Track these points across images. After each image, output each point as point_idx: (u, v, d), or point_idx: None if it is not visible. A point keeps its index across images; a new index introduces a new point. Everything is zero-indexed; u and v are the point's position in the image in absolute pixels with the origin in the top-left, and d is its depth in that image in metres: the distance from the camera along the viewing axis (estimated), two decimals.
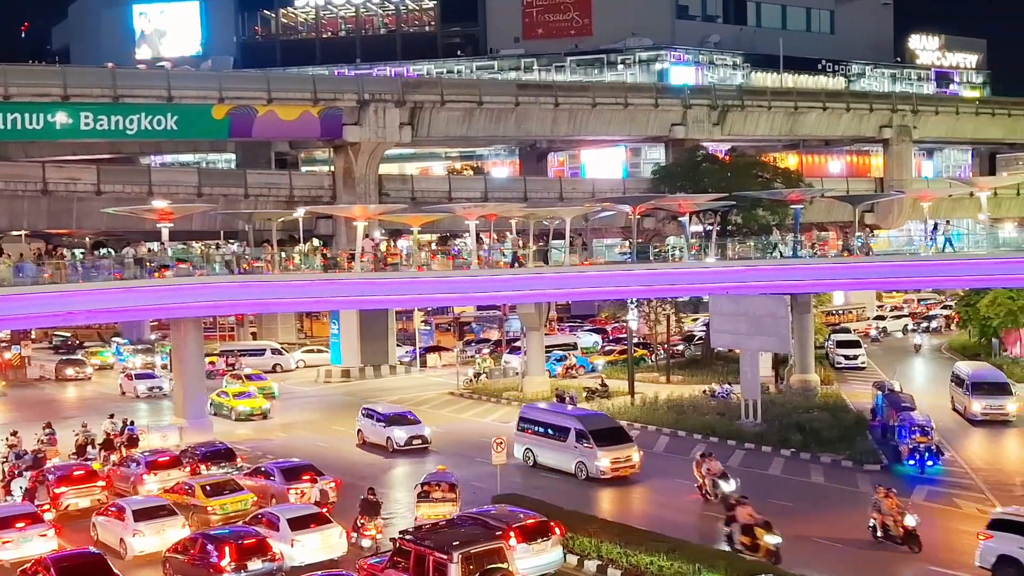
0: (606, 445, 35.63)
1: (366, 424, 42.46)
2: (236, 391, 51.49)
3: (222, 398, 50.64)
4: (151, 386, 56.64)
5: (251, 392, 51.25)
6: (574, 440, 36.15)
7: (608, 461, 35.21)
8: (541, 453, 37.50)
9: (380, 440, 41.36)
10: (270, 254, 46.76)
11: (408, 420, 41.79)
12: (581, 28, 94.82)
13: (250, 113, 58.97)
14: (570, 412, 39.09)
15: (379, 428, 41.55)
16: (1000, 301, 55.72)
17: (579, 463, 35.88)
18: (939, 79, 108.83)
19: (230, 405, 49.80)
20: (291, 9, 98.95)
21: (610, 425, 37.46)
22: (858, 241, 52.74)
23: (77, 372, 64.26)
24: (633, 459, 35.66)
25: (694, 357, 62.36)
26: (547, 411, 39.17)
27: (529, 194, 67.04)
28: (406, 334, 69.79)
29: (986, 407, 42.70)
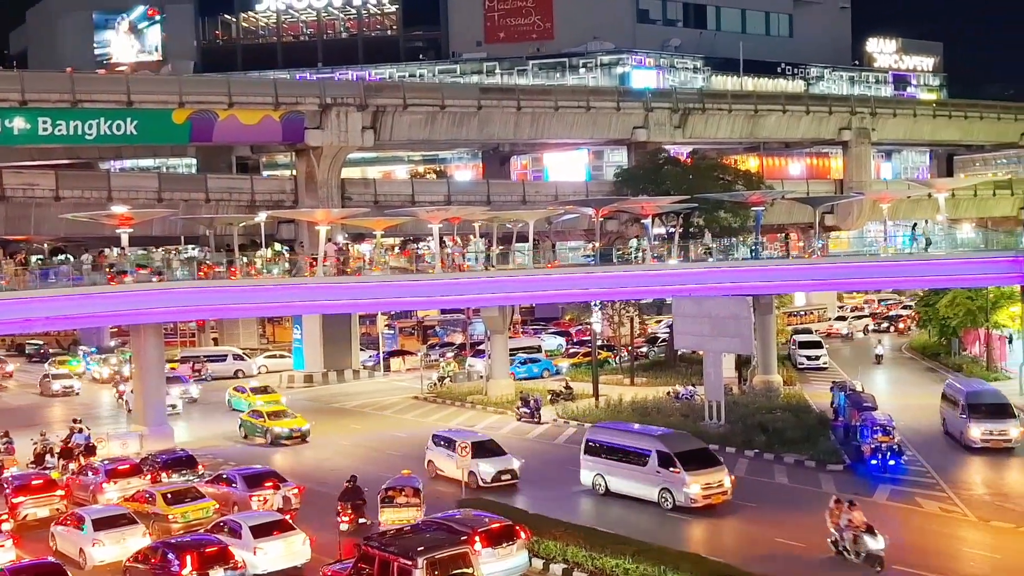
0: (695, 469, 31.70)
1: (439, 454, 36.46)
2: (270, 409, 45.65)
3: (254, 418, 44.82)
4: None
5: (289, 412, 45.58)
6: (656, 464, 32.09)
7: (699, 487, 31.26)
8: (614, 480, 33.48)
9: (459, 474, 34.15)
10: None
11: (494, 450, 36.06)
12: (543, 32, 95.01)
13: (211, 117, 58.49)
14: (649, 432, 34.58)
15: (458, 460, 34.66)
16: (959, 301, 56.35)
17: (663, 491, 31.86)
18: (897, 82, 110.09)
19: (265, 426, 44.05)
20: (252, 13, 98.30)
21: (697, 446, 33.45)
22: (818, 242, 53.27)
23: (66, 388, 59.48)
24: (724, 484, 31.80)
25: (658, 359, 62.59)
26: (621, 432, 35.06)
27: (492, 197, 67.02)
28: (369, 338, 69.49)
29: (987, 432, 37.81)
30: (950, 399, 40.82)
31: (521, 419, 46.78)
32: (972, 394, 39.51)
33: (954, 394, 40.63)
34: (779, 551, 27.37)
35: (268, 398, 49.82)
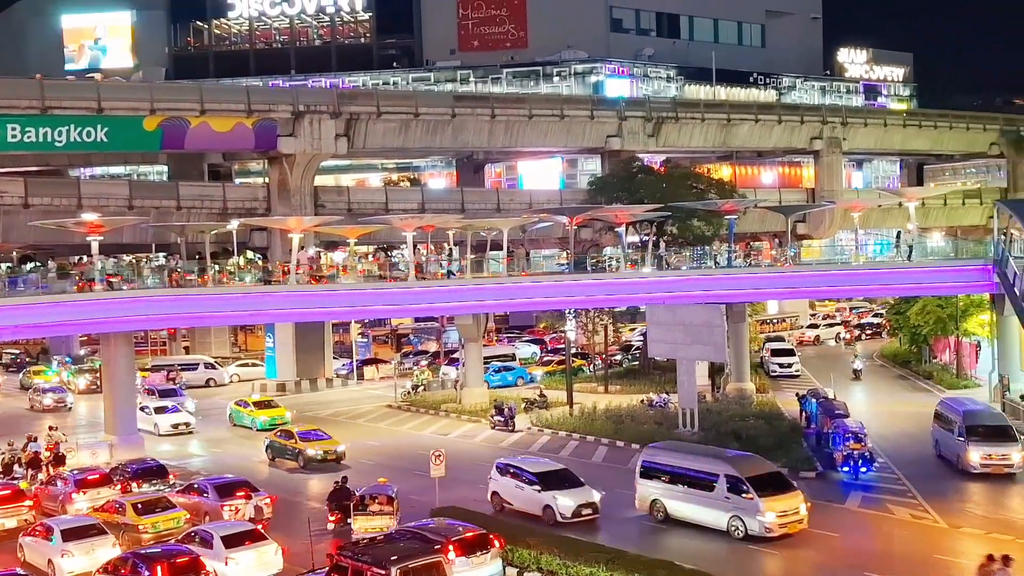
0: (769, 495, 29.10)
1: (507, 485, 32.85)
2: (300, 429, 42.16)
3: (283, 439, 41.47)
4: None
5: (319, 431, 41.92)
6: (725, 490, 29.49)
7: (774, 515, 28.62)
8: (675, 505, 30.88)
9: (532, 508, 31.45)
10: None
11: (570, 480, 32.37)
12: (516, 40, 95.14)
13: (182, 125, 58.15)
14: (717, 455, 31.97)
15: (531, 492, 31.75)
16: (929, 309, 56.75)
17: (734, 518, 29.22)
18: (867, 92, 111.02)
19: (296, 447, 40.62)
20: (224, 20, 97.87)
21: (770, 469, 30.90)
22: (791, 251, 53.60)
23: (57, 402, 56.00)
24: (801, 511, 29.24)
25: (632, 367, 62.67)
26: (683, 454, 32.28)
27: (466, 205, 66.96)
28: (343, 347, 69.21)
29: (987, 457, 35.22)
30: (944, 419, 38.18)
31: (495, 427, 46.71)
32: (970, 414, 36.82)
33: (949, 414, 37.95)
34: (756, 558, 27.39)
35: (273, 412, 48.63)
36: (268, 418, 48.03)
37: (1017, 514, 31.58)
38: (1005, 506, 32.42)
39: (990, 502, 32.75)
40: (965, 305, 54.63)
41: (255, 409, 49.34)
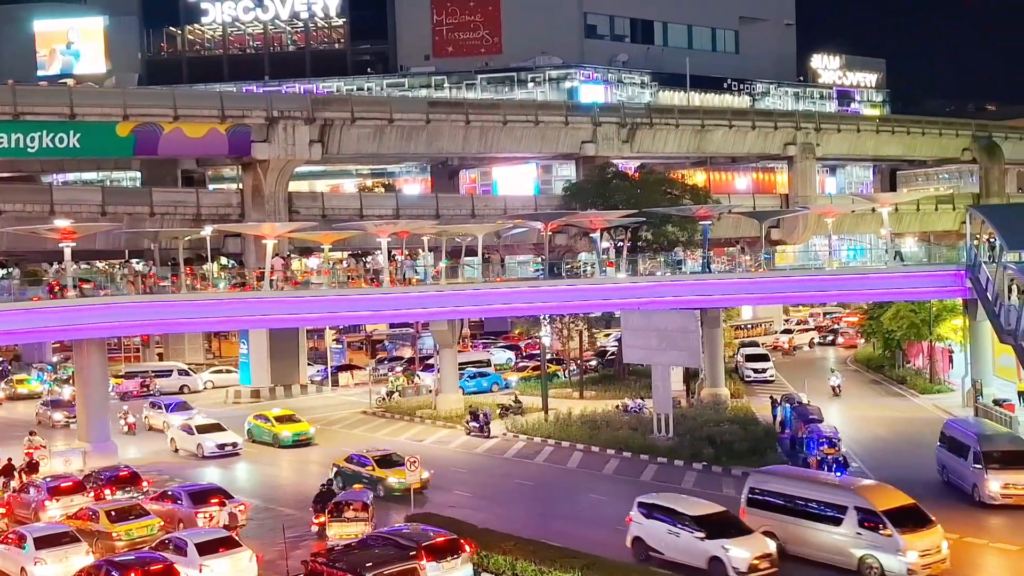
0: (909, 530, 26.16)
1: (655, 530, 27.95)
2: (377, 454, 37.23)
3: (357, 465, 36.70)
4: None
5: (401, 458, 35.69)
6: (856, 524, 26.48)
7: (916, 555, 25.74)
8: (793, 538, 27.56)
9: (693, 559, 26.89)
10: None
11: (737, 527, 27.42)
12: (491, 46, 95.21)
13: (156, 130, 57.83)
14: (845, 483, 29.01)
15: (691, 540, 26.86)
16: (903, 314, 57.19)
17: (868, 557, 26.16)
18: (841, 98, 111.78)
19: (374, 475, 36.08)
20: (198, 26, 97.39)
21: (906, 501, 27.50)
22: (765, 256, 53.88)
23: (68, 417, 51.11)
24: (943, 550, 26.39)
25: (607, 372, 62.79)
26: (800, 481, 29.24)
27: (441, 211, 66.92)
28: (317, 353, 68.97)
29: (1009, 486, 31.94)
30: (954, 444, 34.94)
31: (470, 433, 46.67)
32: (986, 439, 33.75)
33: (959, 438, 34.71)
34: None
35: (297, 427, 46.21)
36: (292, 433, 45.64)
37: None
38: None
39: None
40: (938, 310, 55.09)
41: (277, 424, 46.36)
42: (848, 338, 78.58)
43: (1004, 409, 43.93)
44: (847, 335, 79.40)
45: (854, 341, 76.32)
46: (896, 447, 42.08)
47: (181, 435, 45.18)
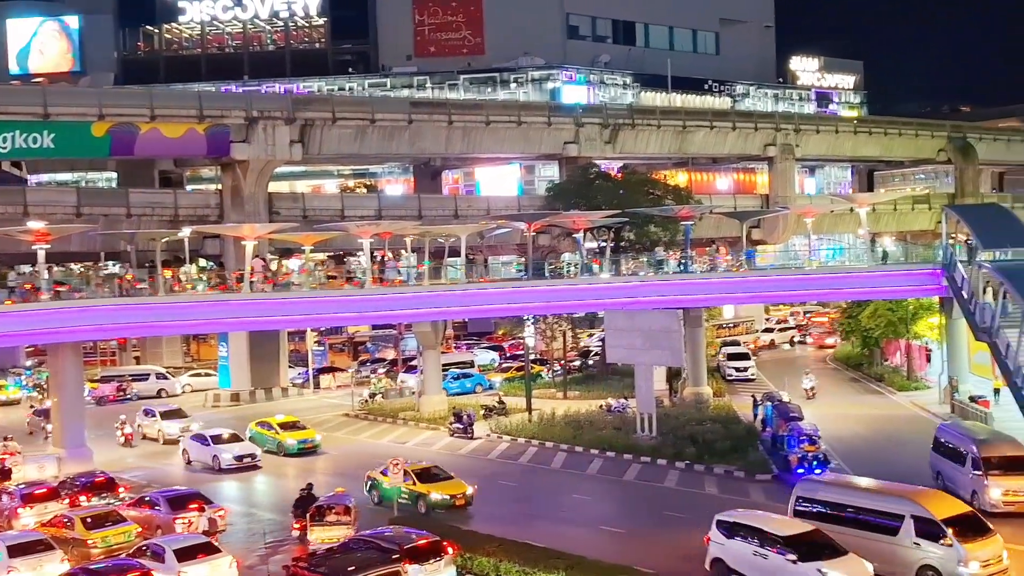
0: (970, 539, 25.03)
1: (739, 551, 25.86)
2: (417, 467, 34.51)
3: (398, 480, 32.68)
4: None
5: (442, 471, 34.75)
6: (913, 533, 25.35)
7: (978, 565, 24.62)
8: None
9: None
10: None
11: (831, 548, 24.87)
12: (473, 47, 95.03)
13: (132, 130, 57.27)
14: (899, 491, 27.51)
15: (781, 563, 24.55)
16: (880, 313, 57.37)
17: (926, 568, 24.95)
18: (819, 99, 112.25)
19: (415, 491, 33.47)
20: (175, 25, 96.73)
21: (964, 509, 26.64)
22: (746, 255, 53.90)
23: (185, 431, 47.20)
24: (1003, 560, 25.27)
25: (590, 372, 62.67)
26: (852, 489, 27.73)
27: (424, 212, 66.61)
28: (298, 355, 68.53)
29: (1010, 493, 30.68)
30: (949, 449, 33.43)
31: (454, 435, 46.46)
32: (985, 444, 32.31)
33: (955, 443, 33.20)
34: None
35: (302, 434, 44.37)
36: (297, 441, 43.95)
37: None
38: None
39: None
40: (915, 308, 55.32)
41: (281, 431, 44.50)
42: (817, 337, 78.32)
43: (980, 405, 44.24)
44: (816, 335, 79.30)
45: (822, 341, 76.30)
46: (876, 444, 42.14)
47: (195, 446, 42.65)
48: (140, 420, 49.67)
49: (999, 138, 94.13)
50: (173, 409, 50.19)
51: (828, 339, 76.17)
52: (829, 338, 76.12)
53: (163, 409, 49.86)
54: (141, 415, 49.94)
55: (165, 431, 47.67)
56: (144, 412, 50.11)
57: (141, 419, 49.60)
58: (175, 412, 49.50)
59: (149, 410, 50.03)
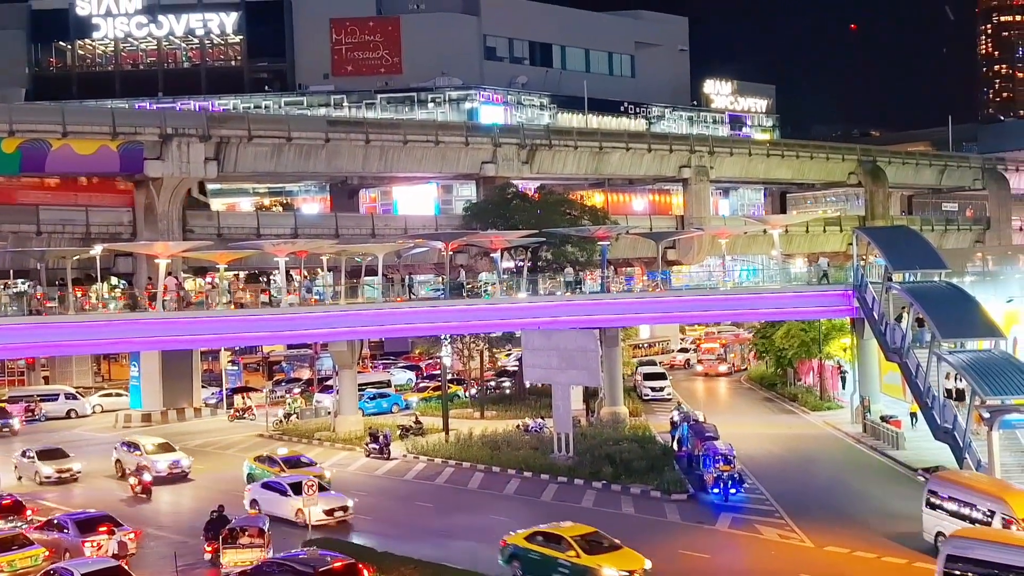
0: None
1: None
2: (574, 532, 27.93)
3: (555, 549, 27.17)
4: None
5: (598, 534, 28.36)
6: None
7: None
8: None
9: None
10: None
11: None
12: (391, 66, 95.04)
13: (43, 147, 56.15)
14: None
15: None
16: (794, 333, 58.56)
17: None
18: (733, 122, 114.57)
19: (578, 564, 26.66)
20: (88, 41, 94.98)
21: None
22: (662, 276, 54.64)
23: (62, 473, 43.06)
24: None
25: (507, 392, 62.81)
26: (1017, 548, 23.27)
27: (341, 231, 66.28)
28: (212, 374, 67.46)
29: None
30: (959, 510, 28.38)
31: (370, 455, 46.16)
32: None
33: (970, 502, 28.16)
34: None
35: (310, 474, 37.80)
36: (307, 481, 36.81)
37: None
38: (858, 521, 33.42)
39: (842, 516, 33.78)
40: (827, 329, 56.56)
41: (286, 468, 39.30)
42: (709, 365, 73.35)
43: (891, 425, 45.28)
44: (707, 362, 73.99)
45: (714, 369, 72.71)
46: (790, 463, 42.98)
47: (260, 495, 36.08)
48: (16, 460, 44.59)
49: (908, 162, 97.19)
50: (51, 449, 44.87)
51: (721, 367, 73.25)
52: (722, 365, 73.48)
53: (40, 449, 44.62)
54: (19, 456, 44.70)
55: (42, 473, 42.70)
56: (22, 453, 44.73)
57: (18, 460, 44.40)
58: (53, 452, 44.30)
59: (27, 451, 44.69)
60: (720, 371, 72.98)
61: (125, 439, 45.58)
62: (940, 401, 39.46)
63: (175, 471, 42.63)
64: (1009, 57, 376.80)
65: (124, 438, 46.16)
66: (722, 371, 72.80)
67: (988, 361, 37.90)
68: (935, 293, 43.57)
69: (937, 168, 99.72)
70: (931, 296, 42.89)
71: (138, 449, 43.32)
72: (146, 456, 42.53)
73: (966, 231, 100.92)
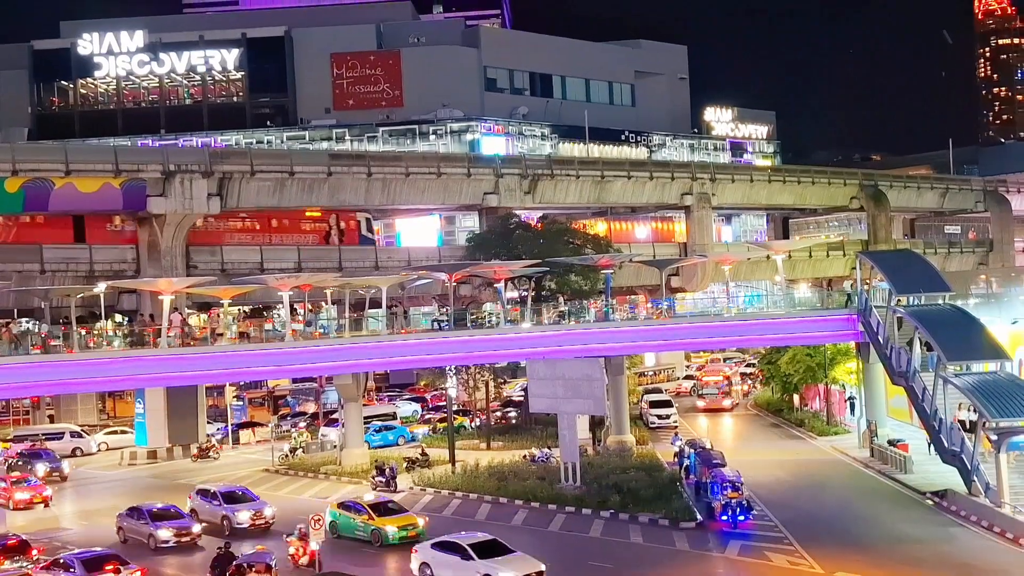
0: None
1: None
2: None
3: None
4: None
5: None
6: None
7: None
8: None
9: None
10: None
11: None
12: (392, 99, 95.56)
13: (46, 186, 56.36)
14: None
15: None
16: (799, 358, 58.41)
17: None
18: (734, 149, 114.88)
19: None
20: (90, 80, 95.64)
21: None
22: (665, 303, 54.59)
23: (255, 520, 38.86)
24: None
25: (513, 422, 62.61)
26: None
27: (344, 264, 66.38)
28: (217, 410, 67.32)
29: None
30: None
31: (376, 488, 45.88)
32: None
33: None
34: None
35: (402, 520, 36.39)
36: (397, 528, 36.10)
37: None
38: (868, 547, 33.20)
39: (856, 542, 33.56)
40: (832, 354, 56.41)
41: (375, 516, 36.68)
42: (711, 400, 67.65)
43: (899, 449, 45.03)
44: (709, 397, 67.91)
45: (718, 403, 67.37)
46: (798, 489, 42.76)
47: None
48: (194, 504, 40.70)
49: (909, 185, 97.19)
50: (233, 490, 40.93)
51: (725, 401, 68.24)
52: (726, 400, 68.40)
53: (225, 490, 40.71)
54: (196, 496, 41.05)
55: (236, 520, 38.67)
56: (201, 493, 41.04)
57: (196, 502, 40.69)
58: (235, 495, 40.18)
59: (210, 492, 40.72)
60: (723, 405, 67.73)
61: (199, 487, 41.86)
62: (947, 424, 39.31)
63: (257, 522, 38.70)
64: (1008, 80, 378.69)
65: (198, 486, 42.10)
66: (725, 406, 67.73)
67: (994, 383, 37.84)
68: (940, 316, 43.53)
69: (939, 191, 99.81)
70: (936, 319, 42.84)
71: (216, 500, 39.57)
72: (224, 506, 39.03)
73: (969, 253, 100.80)
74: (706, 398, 68.83)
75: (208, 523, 38.82)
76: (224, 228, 65.65)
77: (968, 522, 35.46)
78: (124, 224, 61.92)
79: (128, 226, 62.03)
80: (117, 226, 62.11)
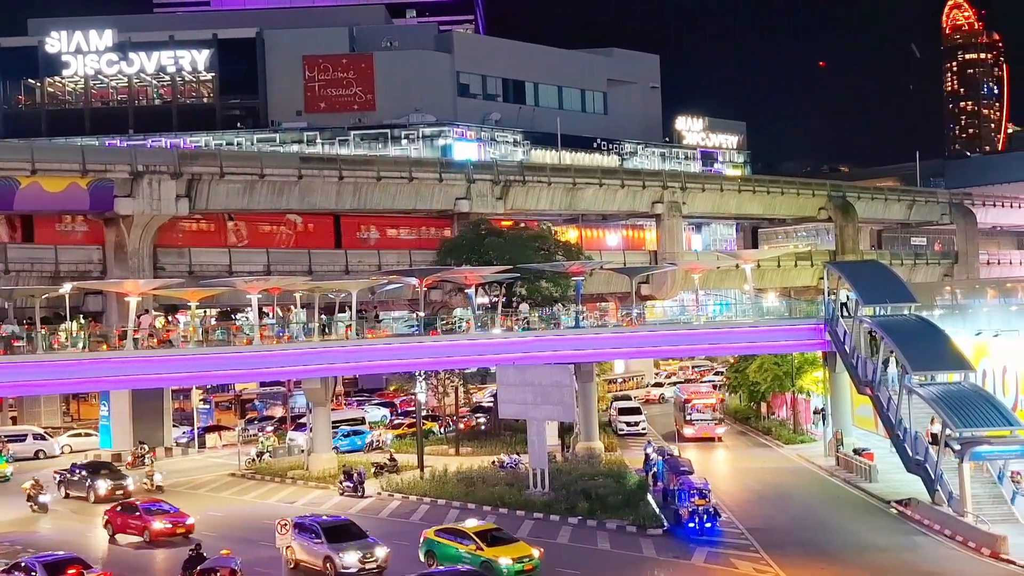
0: None
1: None
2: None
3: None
4: None
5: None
6: None
7: None
8: None
9: None
10: None
11: None
12: (364, 103, 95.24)
13: (11, 185, 55.73)
14: None
15: None
16: (767, 367, 58.76)
17: None
18: (704, 158, 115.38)
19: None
20: (58, 79, 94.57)
21: None
22: (635, 311, 54.74)
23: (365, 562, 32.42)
24: None
25: (482, 428, 62.53)
26: None
27: (314, 267, 66.10)
28: (183, 413, 66.80)
29: None
30: None
31: (344, 493, 45.74)
32: None
33: None
34: None
35: (517, 551, 31.58)
36: (512, 561, 31.14)
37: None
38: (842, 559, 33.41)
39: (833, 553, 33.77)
40: (800, 363, 56.79)
41: (483, 547, 31.75)
42: (702, 427, 57.27)
43: (864, 458, 45.38)
44: (700, 424, 57.34)
45: (711, 431, 57.32)
46: (765, 497, 43.00)
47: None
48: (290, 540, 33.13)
49: (877, 196, 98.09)
50: (339, 525, 34.65)
51: (719, 429, 58.29)
52: (720, 427, 58.65)
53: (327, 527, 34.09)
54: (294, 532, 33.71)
55: (343, 562, 32.22)
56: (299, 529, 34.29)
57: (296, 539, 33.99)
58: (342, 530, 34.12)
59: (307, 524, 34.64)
60: (717, 434, 58.10)
61: (298, 518, 34.65)
62: (911, 433, 39.64)
63: (367, 564, 32.13)
64: (975, 94, 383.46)
65: (295, 517, 34.69)
66: (719, 433, 58.37)
67: (958, 394, 38.22)
68: (905, 326, 43.93)
69: (906, 203, 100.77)
70: (901, 329, 43.23)
71: (318, 536, 32.98)
72: (327, 545, 32.43)
73: (935, 265, 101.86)
74: (695, 424, 57.98)
75: (306, 563, 32.91)
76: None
77: (931, 531, 35.80)
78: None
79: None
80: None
